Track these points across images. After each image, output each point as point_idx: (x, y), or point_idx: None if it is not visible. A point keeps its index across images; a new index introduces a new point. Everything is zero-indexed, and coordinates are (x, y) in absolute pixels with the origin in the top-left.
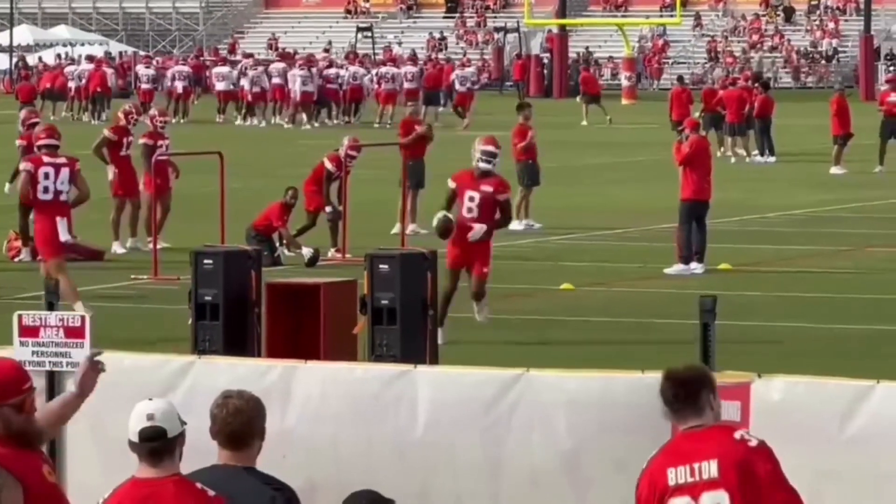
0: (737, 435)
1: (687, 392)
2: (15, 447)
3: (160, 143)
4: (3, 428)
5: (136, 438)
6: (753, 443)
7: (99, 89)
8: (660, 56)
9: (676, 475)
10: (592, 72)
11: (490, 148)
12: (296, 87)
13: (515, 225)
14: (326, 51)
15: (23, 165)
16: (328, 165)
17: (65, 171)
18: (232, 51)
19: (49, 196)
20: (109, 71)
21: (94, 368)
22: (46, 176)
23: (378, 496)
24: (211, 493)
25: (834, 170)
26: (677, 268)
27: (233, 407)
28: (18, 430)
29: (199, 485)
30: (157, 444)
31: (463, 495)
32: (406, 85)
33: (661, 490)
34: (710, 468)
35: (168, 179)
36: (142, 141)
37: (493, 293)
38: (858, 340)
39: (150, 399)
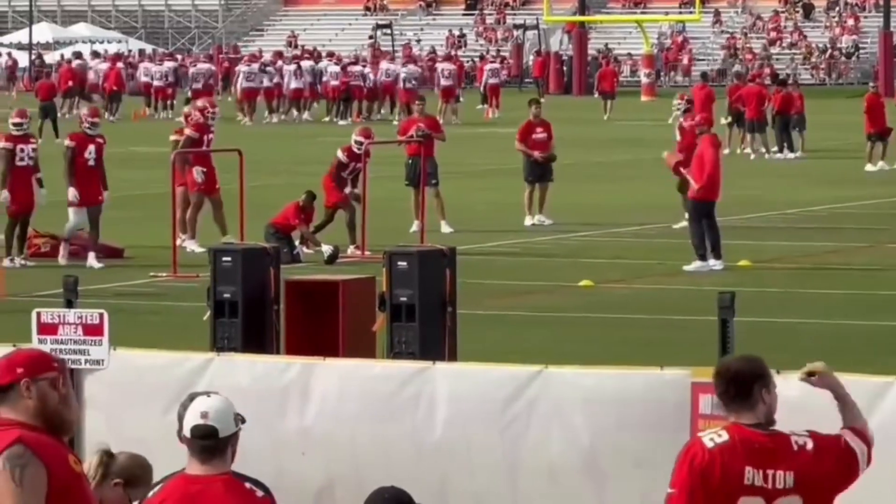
0: (794, 445)
1: (738, 389)
2: (44, 431)
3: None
4: (40, 404)
5: (188, 434)
6: (809, 445)
7: (115, 87)
8: (689, 53)
9: (753, 476)
10: (613, 67)
11: None
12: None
13: (526, 220)
14: (373, 46)
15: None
16: (340, 156)
17: None
18: (235, 52)
19: None
20: (152, 67)
21: None
22: None
23: (402, 494)
24: (259, 493)
25: (869, 167)
26: (696, 265)
27: None
28: (53, 409)
29: (247, 484)
30: (208, 442)
31: (481, 491)
32: (443, 83)
33: (733, 483)
34: (788, 479)
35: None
36: (173, 138)
37: (513, 289)
38: (878, 337)
39: (209, 395)
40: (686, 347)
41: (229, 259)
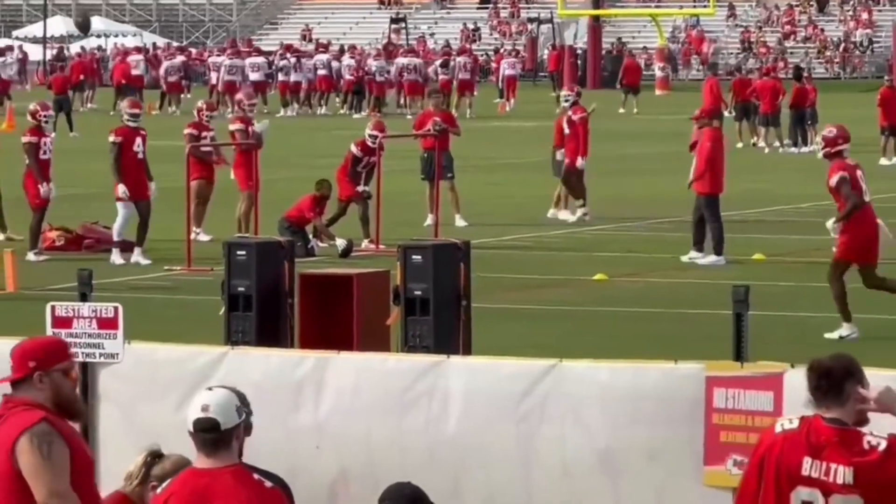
0: (865, 444)
1: (829, 383)
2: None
3: (205, 134)
4: (54, 394)
5: (191, 428)
6: (882, 446)
7: (123, 80)
8: (710, 46)
9: (811, 467)
10: (637, 61)
11: None
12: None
13: (566, 215)
14: (389, 40)
15: None
16: (354, 150)
17: None
18: (249, 45)
19: None
20: (170, 61)
21: None
22: None
23: (420, 492)
24: (268, 484)
25: (883, 161)
26: (711, 259)
27: None
28: (67, 398)
29: (255, 476)
30: (211, 435)
31: (495, 484)
32: (460, 76)
33: (789, 472)
34: (846, 475)
35: (213, 171)
36: (188, 132)
37: (527, 283)
38: (893, 330)
39: (211, 388)
40: (700, 341)
41: (244, 253)
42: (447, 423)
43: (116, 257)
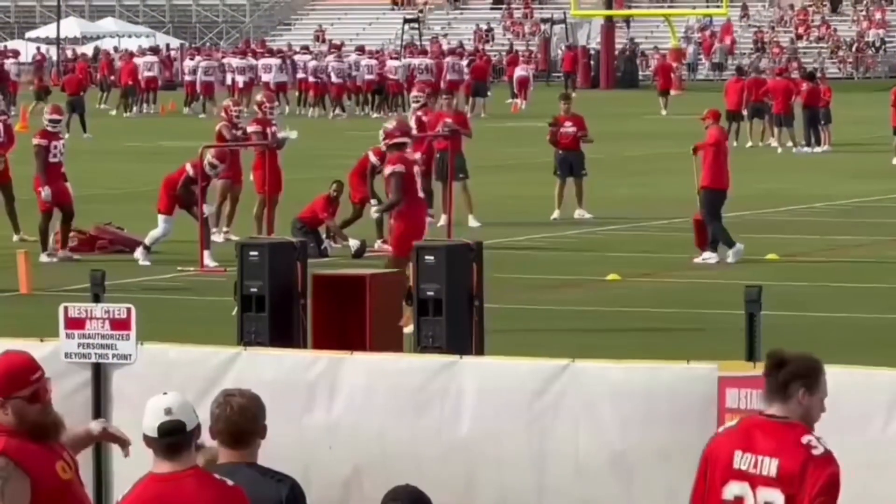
0: (804, 439)
1: (777, 379)
2: (29, 440)
3: (234, 131)
4: (17, 420)
5: (154, 434)
6: (818, 451)
7: (130, 82)
8: (732, 43)
9: (741, 460)
10: (669, 62)
11: None
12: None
13: (553, 214)
14: (409, 41)
15: None
16: (372, 159)
17: None
18: (262, 46)
19: None
20: (196, 62)
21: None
22: None
23: (423, 496)
24: (230, 482)
25: None
26: (711, 255)
27: (237, 405)
28: (33, 422)
29: (217, 476)
30: (176, 438)
31: (508, 485)
32: (449, 76)
33: (723, 467)
34: (771, 466)
35: (239, 171)
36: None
37: (540, 283)
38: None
39: (165, 393)
40: (713, 341)
41: (256, 254)
42: (460, 424)
43: (143, 259)
